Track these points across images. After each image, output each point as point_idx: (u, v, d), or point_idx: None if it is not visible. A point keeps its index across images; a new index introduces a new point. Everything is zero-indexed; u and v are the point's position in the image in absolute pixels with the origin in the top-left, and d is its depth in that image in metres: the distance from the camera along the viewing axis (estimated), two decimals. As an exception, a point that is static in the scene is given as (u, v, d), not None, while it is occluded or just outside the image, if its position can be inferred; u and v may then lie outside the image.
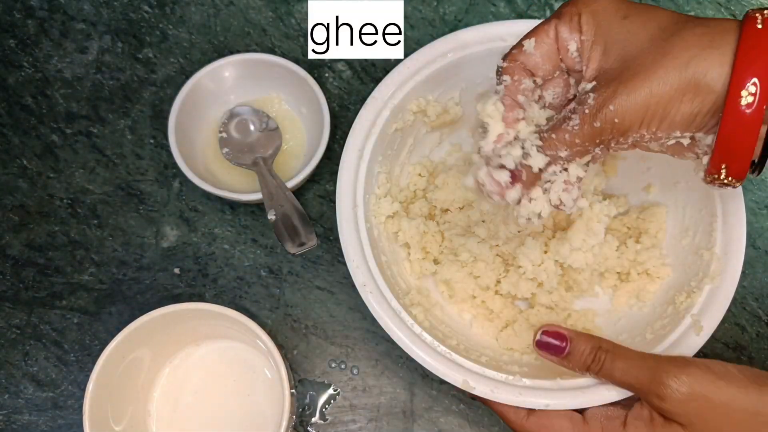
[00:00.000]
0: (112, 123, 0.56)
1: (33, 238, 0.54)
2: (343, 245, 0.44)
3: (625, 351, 0.39)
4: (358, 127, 0.46)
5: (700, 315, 0.42)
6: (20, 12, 0.59)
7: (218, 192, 0.50)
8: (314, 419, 0.51)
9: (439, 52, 0.47)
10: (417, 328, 0.42)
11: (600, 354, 0.39)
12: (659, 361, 0.37)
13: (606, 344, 0.39)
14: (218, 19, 0.59)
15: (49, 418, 0.51)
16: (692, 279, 0.44)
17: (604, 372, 0.39)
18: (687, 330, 0.42)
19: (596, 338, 0.40)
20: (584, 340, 0.39)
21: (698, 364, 0.36)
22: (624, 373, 0.38)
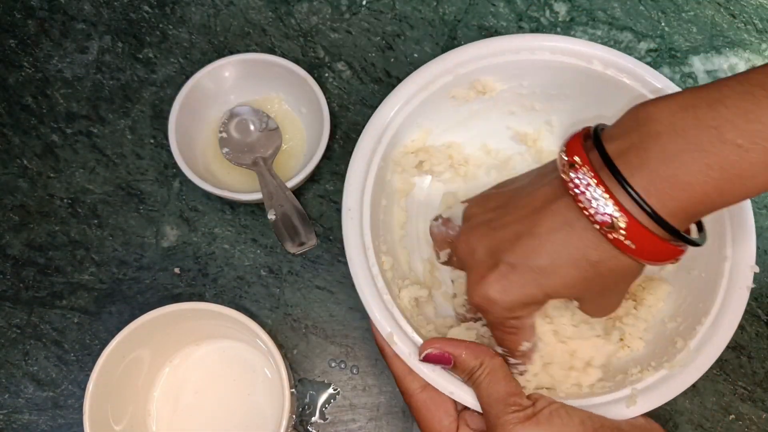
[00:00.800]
0: (113, 123, 0.56)
1: (33, 237, 0.54)
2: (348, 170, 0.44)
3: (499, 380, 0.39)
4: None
5: (642, 392, 0.41)
6: (20, 12, 0.59)
7: (218, 192, 0.50)
8: (314, 419, 0.52)
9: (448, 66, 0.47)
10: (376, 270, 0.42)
11: (476, 374, 0.39)
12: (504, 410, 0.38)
13: (488, 364, 0.40)
14: (218, 19, 0.59)
15: (49, 417, 0.51)
16: (653, 359, 0.43)
17: (474, 389, 0.40)
18: (621, 398, 0.41)
19: (483, 356, 0.40)
20: (469, 357, 0.40)
21: (539, 419, 0.37)
22: (484, 399, 0.39)
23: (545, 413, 0.37)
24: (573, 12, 0.60)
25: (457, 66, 0.47)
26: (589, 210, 0.33)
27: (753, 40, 0.60)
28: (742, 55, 0.60)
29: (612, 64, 0.46)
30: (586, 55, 0.46)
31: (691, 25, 0.60)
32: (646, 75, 0.46)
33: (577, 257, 0.34)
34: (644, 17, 0.60)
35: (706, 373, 0.52)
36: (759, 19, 0.60)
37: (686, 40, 0.60)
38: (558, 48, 0.46)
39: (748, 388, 0.53)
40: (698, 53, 0.60)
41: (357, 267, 0.43)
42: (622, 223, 0.32)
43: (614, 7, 0.60)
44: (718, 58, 0.59)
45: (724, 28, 0.60)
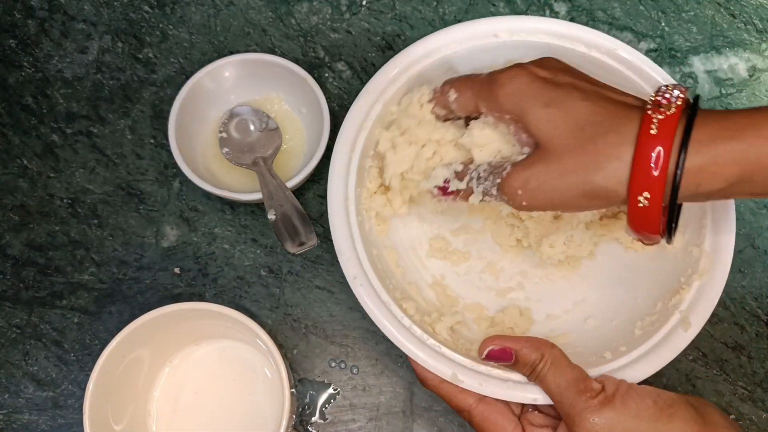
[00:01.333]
0: (113, 123, 0.56)
1: (33, 237, 0.54)
2: (333, 238, 0.44)
3: (563, 368, 0.40)
4: (350, 121, 0.46)
5: (689, 311, 0.42)
6: (20, 12, 0.59)
7: (218, 192, 0.50)
8: (314, 419, 0.52)
9: (431, 48, 0.47)
10: (407, 321, 0.42)
11: (540, 365, 0.40)
12: (577, 398, 0.38)
13: (549, 355, 0.40)
14: (218, 19, 0.59)
15: (49, 417, 0.51)
16: (681, 275, 0.44)
17: (539, 382, 0.40)
18: (675, 326, 0.42)
19: (543, 348, 0.40)
20: (530, 352, 0.40)
21: (615, 404, 0.38)
22: (554, 391, 0.39)
23: (619, 396, 0.38)
24: (573, 12, 0.60)
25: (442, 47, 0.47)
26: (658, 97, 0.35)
27: (753, 40, 0.60)
28: (742, 55, 0.60)
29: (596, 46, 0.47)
30: (570, 37, 0.47)
31: (691, 25, 0.60)
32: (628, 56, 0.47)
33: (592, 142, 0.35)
34: (644, 17, 0.60)
35: (706, 373, 0.53)
36: (759, 19, 0.60)
37: (686, 40, 0.60)
38: (541, 29, 0.47)
39: (748, 388, 0.53)
40: (698, 53, 0.60)
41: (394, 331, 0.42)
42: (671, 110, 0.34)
43: (614, 7, 0.60)
44: (718, 58, 0.59)
45: (724, 28, 0.60)
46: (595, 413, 0.37)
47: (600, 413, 0.37)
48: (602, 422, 0.37)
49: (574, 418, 0.37)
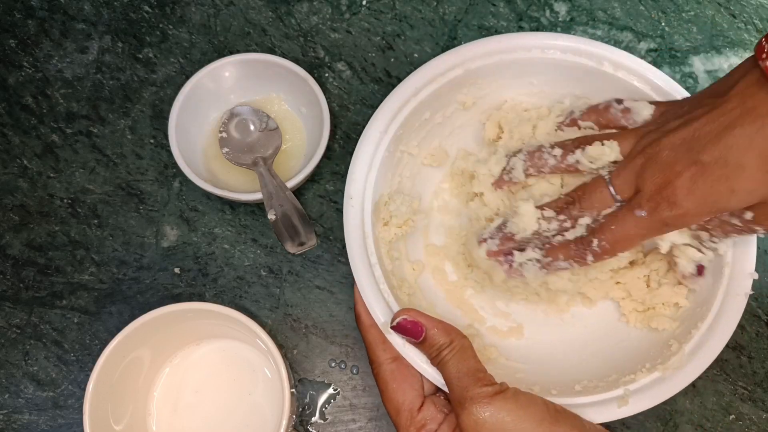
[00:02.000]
0: (113, 123, 0.56)
1: (33, 237, 0.54)
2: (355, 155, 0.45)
3: (467, 359, 0.40)
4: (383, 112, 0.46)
5: (633, 393, 0.42)
6: (20, 12, 0.59)
7: (218, 192, 0.50)
8: (314, 419, 0.52)
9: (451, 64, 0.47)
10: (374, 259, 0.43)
11: (445, 351, 0.40)
12: (474, 384, 0.38)
13: (458, 343, 0.40)
14: (218, 19, 0.59)
15: (49, 417, 0.51)
16: (649, 360, 0.43)
17: (439, 368, 0.40)
18: (612, 399, 0.41)
19: (453, 334, 0.40)
20: (440, 333, 0.40)
21: (505, 396, 0.38)
22: (451, 376, 0.39)
23: (511, 391, 0.38)
24: (573, 12, 0.60)
25: (465, 61, 0.47)
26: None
27: (753, 40, 0.60)
28: (742, 55, 0.60)
29: (622, 66, 0.46)
30: (597, 56, 0.47)
31: (691, 25, 0.60)
32: (654, 78, 0.46)
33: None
34: (644, 17, 0.60)
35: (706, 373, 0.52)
36: (759, 19, 0.60)
37: (686, 40, 0.60)
38: (569, 48, 0.47)
39: (748, 388, 0.53)
40: (698, 53, 0.60)
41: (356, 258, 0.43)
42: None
43: (614, 7, 0.60)
44: (718, 58, 0.59)
45: (725, 28, 0.60)
46: (485, 401, 0.37)
47: (490, 402, 0.37)
48: (490, 410, 0.37)
49: (464, 403, 0.38)
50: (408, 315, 0.40)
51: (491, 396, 0.37)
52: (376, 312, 0.42)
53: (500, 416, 0.37)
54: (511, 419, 0.37)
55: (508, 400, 0.37)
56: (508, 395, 0.38)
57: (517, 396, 0.38)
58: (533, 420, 0.37)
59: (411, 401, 0.41)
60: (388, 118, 0.46)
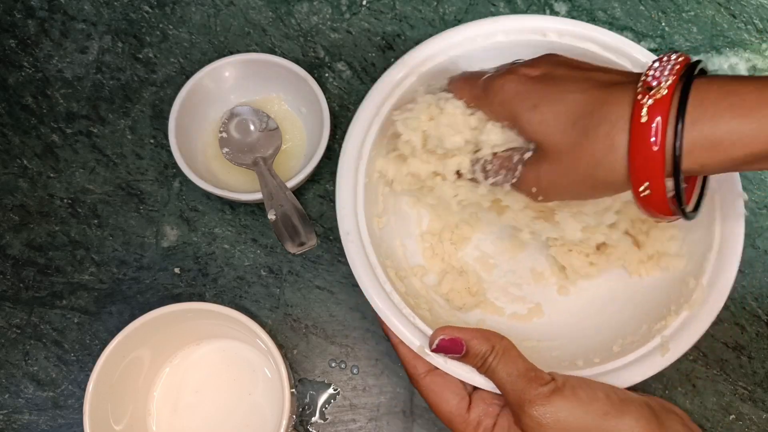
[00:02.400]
0: (113, 123, 0.56)
1: (33, 237, 0.54)
2: (337, 190, 0.44)
3: (513, 359, 0.39)
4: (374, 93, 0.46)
5: (670, 338, 0.42)
6: (20, 12, 0.59)
7: (218, 192, 0.50)
8: (314, 419, 0.51)
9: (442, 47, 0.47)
10: (388, 287, 0.42)
11: (490, 357, 0.39)
12: (528, 386, 0.38)
13: (500, 348, 0.40)
14: (218, 19, 0.59)
15: (49, 417, 0.51)
16: (673, 303, 0.44)
17: (488, 374, 0.40)
18: (653, 349, 0.42)
19: (494, 339, 0.40)
20: (480, 343, 0.40)
21: (564, 393, 0.37)
22: (502, 380, 0.39)
23: (569, 387, 0.37)
24: (573, 12, 0.60)
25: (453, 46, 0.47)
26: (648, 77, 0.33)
27: (753, 40, 0.60)
28: (742, 55, 0.60)
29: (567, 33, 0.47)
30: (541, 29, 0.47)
31: (691, 25, 0.60)
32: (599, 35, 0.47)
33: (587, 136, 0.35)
34: (644, 17, 0.60)
35: (706, 373, 0.53)
36: (759, 19, 0.60)
37: (686, 40, 0.60)
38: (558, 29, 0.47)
39: (748, 388, 0.53)
40: (698, 53, 0.59)
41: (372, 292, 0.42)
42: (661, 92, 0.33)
43: (614, 7, 0.60)
44: (718, 58, 0.59)
45: (725, 28, 0.60)
46: (544, 401, 0.37)
47: (549, 401, 0.37)
48: (551, 410, 0.36)
49: (523, 406, 0.37)
50: (445, 334, 0.40)
51: (549, 396, 0.37)
52: (408, 337, 0.42)
53: (562, 415, 0.36)
54: (573, 417, 0.36)
55: (567, 398, 0.37)
56: (566, 393, 0.37)
57: (576, 391, 0.37)
58: (596, 415, 0.36)
59: (457, 406, 0.41)
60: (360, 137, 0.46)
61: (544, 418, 0.36)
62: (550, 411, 0.36)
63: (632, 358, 0.42)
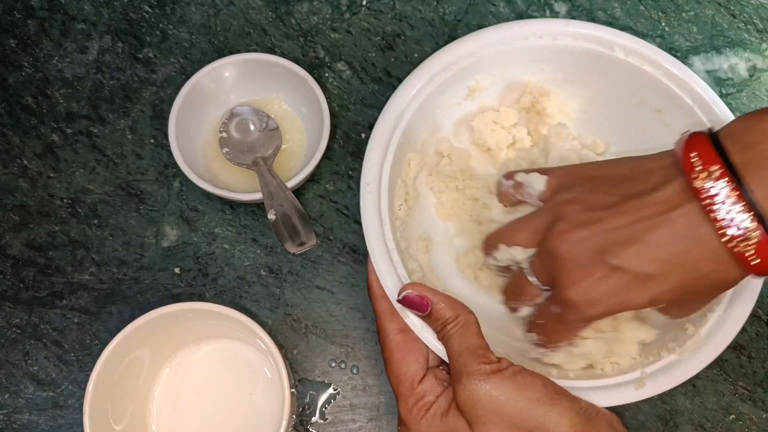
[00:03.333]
0: (113, 123, 0.56)
1: (33, 237, 0.54)
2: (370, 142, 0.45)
3: (471, 335, 0.40)
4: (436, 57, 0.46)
5: (651, 375, 0.42)
6: (20, 12, 0.59)
7: (218, 192, 0.50)
8: (314, 419, 0.51)
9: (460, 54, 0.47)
10: (391, 243, 0.43)
11: (449, 325, 0.40)
12: (473, 360, 0.38)
13: (463, 318, 0.40)
14: (218, 19, 0.59)
15: (49, 417, 0.51)
16: (666, 343, 0.43)
17: (443, 342, 0.41)
18: (630, 381, 0.42)
19: (460, 310, 0.41)
20: (445, 308, 0.41)
21: (503, 375, 0.38)
22: (453, 351, 0.40)
23: (510, 371, 0.38)
24: (573, 12, 0.60)
25: (480, 48, 0.47)
26: (722, 223, 0.33)
27: (753, 39, 0.60)
28: (742, 55, 0.60)
29: (634, 52, 0.46)
30: (608, 42, 0.47)
31: (691, 25, 0.60)
32: (666, 63, 0.46)
33: (689, 267, 0.35)
34: (644, 17, 0.60)
35: (706, 373, 0.53)
36: (759, 19, 0.60)
37: (686, 40, 0.60)
38: (579, 34, 0.47)
39: (748, 388, 0.53)
40: (698, 53, 0.60)
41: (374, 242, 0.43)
42: (754, 238, 0.32)
43: (614, 7, 0.60)
44: (718, 58, 0.59)
45: (725, 27, 0.60)
46: (482, 377, 0.37)
47: (487, 378, 0.37)
48: (486, 388, 0.37)
49: (461, 378, 0.38)
50: (414, 289, 0.41)
51: (488, 374, 0.38)
52: (387, 283, 0.42)
53: (495, 394, 0.37)
54: (506, 398, 0.37)
55: (505, 380, 0.38)
56: (505, 375, 0.38)
57: (515, 376, 0.38)
58: (529, 400, 0.37)
59: (413, 373, 0.42)
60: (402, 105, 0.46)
61: (478, 393, 0.37)
62: (485, 388, 0.37)
63: (606, 383, 0.41)
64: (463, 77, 0.48)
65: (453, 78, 0.47)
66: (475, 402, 0.37)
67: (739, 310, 0.43)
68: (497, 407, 0.37)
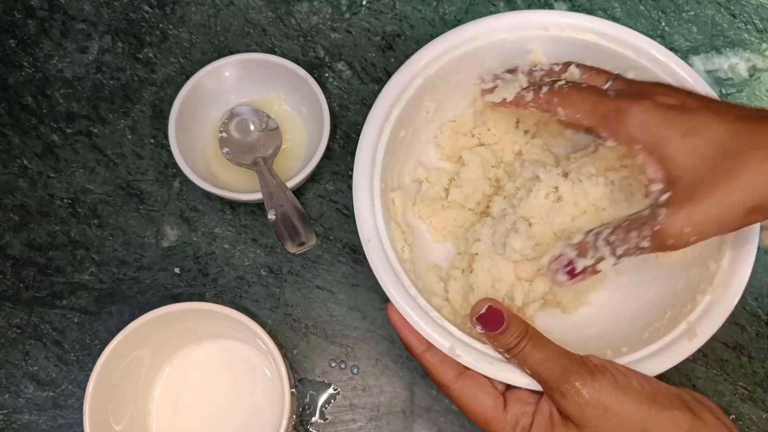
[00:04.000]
0: (113, 123, 0.56)
1: (33, 237, 0.54)
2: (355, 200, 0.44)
3: (546, 343, 0.39)
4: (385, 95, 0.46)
5: (696, 322, 0.42)
6: (20, 12, 0.59)
7: (218, 192, 0.50)
8: (314, 419, 0.52)
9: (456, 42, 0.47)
10: (413, 290, 0.42)
11: (524, 340, 0.39)
12: (573, 362, 0.38)
13: (533, 332, 0.40)
14: (218, 19, 0.59)
15: (49, 417, 0.51)
16: (696, 287, 0.44)
17: (521, 357, 0.39)
18: (681, 334, 0.42)
19: (527, 324, 0.40)
20: (517, 323, 0.40)
21: (605, 374, 0.37)
22: (538, 363, 0.38)
23: (607, 369, 0.38)
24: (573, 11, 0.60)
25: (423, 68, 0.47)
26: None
27: (753, 39, 0.60)
28: (742, 54, 0.60)
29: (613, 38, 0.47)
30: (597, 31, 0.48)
31: (691, 25, 0.60)
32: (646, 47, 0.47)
33: None
34: (644, 17, 0.60)
35: (706, 373, 0.53)
36: (759, 19, 0.60)
37: (686, 40, 0.60)
38: (567, 24, 0.48)
39: (748, 388, 0.53)
40: (698, 53, 0.60)
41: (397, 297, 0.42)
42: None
43: (614, 7, 0.60)
44: (718, 58, 0.59)
45: (725, 27, 0.60)
46: (584, 380, 0.36)
47: (588, 381, 0.36)
48: (590, 391, 0.36)
49: (559, 386, 0.37)
50: (492, 303, 0.40)
51: (587, 376, 0.37)
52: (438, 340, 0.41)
53: (603, 397, 0.36)
54: (614, 399, 0.36)
55: (608, 380, 0.37)
56: (606, 374, 0.37)
57: (615, 375, 0.37)
58: (633, 398, 0.37)
59: (493, 406, 0.40)
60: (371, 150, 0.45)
61: (585, 398, 0.36)
62: (590, 391, 0.36)
63: (660, 345, 0.42)
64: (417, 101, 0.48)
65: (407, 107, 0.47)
66: (583, 405, 0.36)
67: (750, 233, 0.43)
68: (605, 408, 0.36)
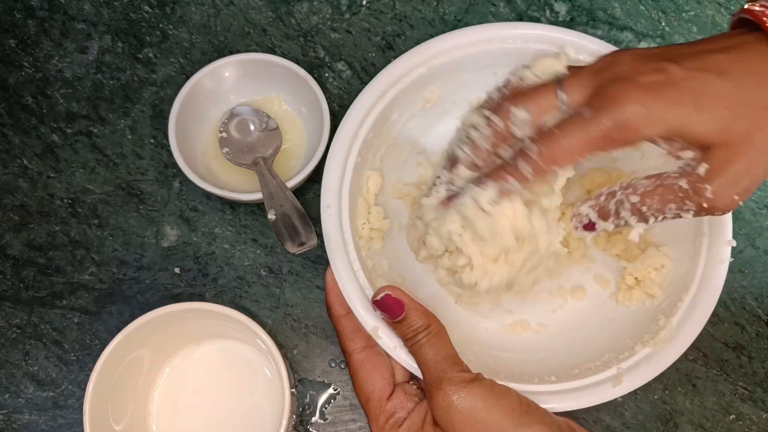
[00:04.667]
0: (113, 123, 0.56)
1: (33, 237, 0.54)
2: (326, 166, 0.45)
3: (442, 345, 0.40)
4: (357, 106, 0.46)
5: (627, 371, 0.42)
6: (20, 12, 0.59)
7: (218, 192, 0.50)
8: (314, 419, 0.52)
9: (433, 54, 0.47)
10: (357, 265, 0.43)
11: (421, 334, 0.40)
12: (451, 368, 0.38)
13: (436, 329, 0.40)
14: (218, 19, 0.59)
15: (49, 417, 0.51)
16: (639, 337, 0.44)
17: (413, 350, 0.40)
18: (608, 379, 0.42)
19: (432, 319, 0.41)
20: (419, 316, 0.40)
21: (482, 383, 0.38)
22: (424, 361, 0.39)
23: (488, 381, 0.39)
24: (573, 12, 0.60)
25: (430, 58, 0.47)
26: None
27: (753, 39, 0.60)
28: (742, 54, 0.60)
29: (585, 50, 0.46)
30: (559, 41, 0.47)
31: (691, 25, 0.60)
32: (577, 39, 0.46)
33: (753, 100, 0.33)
34: (644, 17, 0.60)
35: (706, 373, 0.53)
36: (759, 19, 0.60)
37: (686, 40, 0.60)
38: (530, 36, 0.47)
39: (748, 388, 0.53)
40: (698, 53, 0.60)
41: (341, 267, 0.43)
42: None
43: (614, 7, 0.60)
44: (718, 58, 0.59)
45: (725, 27, 0.60)
46: (462, 385, 0.37)
47: (467, 386, 0.37)
48: (465, 396, 0.37)
49: (441, 384, 0.38)
50: (392, 291, 0.41)
51: (468, 381, 0.38)
52: (352, 300, 0.42)
53: (473, 402, 0.37)
54: (483, 406, 0.37)
55: (484, 388, 0.38)
56: (485, 383, 0.38)
57: (493, 386, 0.38)
58: (504, 410, 0.37)
59: (380, 390, 0.41)
60: (357, 122, 0.46)
61: (455, 399, 0.37)
62: (464, 396, 0.37)
63: (585, 383, 0.42)
64: (417, 88, 0.48)
65: (407, 90, 0.47)
66: (452, 409, 0.37)
67: (707, 296, 0.43)
68: (474, 416, 0.37)
